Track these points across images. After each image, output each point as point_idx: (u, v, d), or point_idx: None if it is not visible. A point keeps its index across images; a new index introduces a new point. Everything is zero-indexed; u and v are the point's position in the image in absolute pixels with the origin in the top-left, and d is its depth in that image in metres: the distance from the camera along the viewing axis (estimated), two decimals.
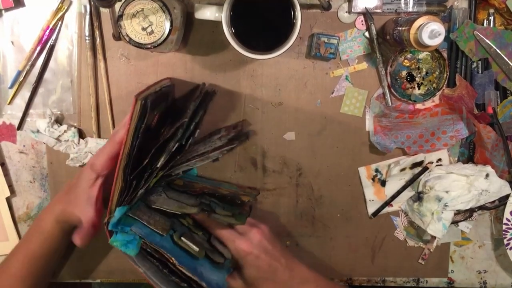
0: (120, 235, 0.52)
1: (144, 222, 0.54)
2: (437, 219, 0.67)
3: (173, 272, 0.53)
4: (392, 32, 0.62)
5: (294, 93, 0.69)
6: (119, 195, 0.52)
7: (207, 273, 0.55)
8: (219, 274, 0.57)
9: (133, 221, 0.53)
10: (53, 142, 0.68)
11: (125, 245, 0.51)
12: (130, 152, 0.52)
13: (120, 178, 0.52)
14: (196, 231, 0.60)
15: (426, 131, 0.68)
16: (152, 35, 0.56)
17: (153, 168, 0.54)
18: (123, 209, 0.52)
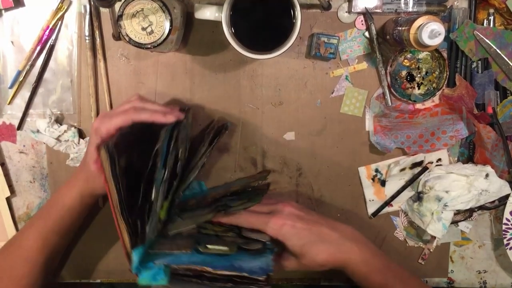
0: (145, 273, 0.51)
1: (167, 251, 0.53)
2: (437, 219, 0.67)
3: (214, 279, 0.53)
4: (392, 32, 0.62)
5: (294, 93, 0.69)
6: (129, 239, 0.51)
7: (247, 263, 0.54)
8: (262, 259, 0.55)
9: (155, 255, 0.53)
10: (53, 142, 0.68)
11: (154, 279, 0.51)
12: (120, 198, 0.51)
13: (122, 223, 0.51)
14: (226, 234, 0.59)
15: (426, 131, 0.68)
16: (152, 35, 0.56)
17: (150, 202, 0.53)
18: (139, 250, 0.51)
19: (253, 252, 0.57)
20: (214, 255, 0.55)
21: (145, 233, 0.52)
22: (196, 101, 0.69)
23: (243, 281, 0.53)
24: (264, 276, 0.53)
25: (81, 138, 0.69)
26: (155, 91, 0.69)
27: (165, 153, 0.55)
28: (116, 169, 0.51)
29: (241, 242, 0.58)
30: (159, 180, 0.53)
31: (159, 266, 0.51)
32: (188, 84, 0.68)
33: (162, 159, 0.54)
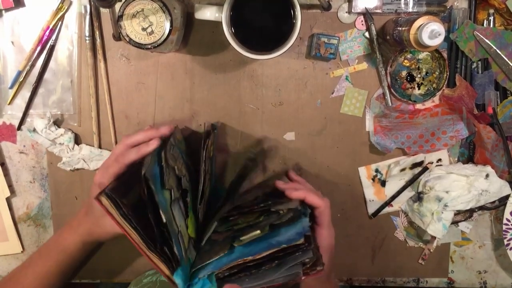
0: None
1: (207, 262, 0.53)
2: (437, 219, 0.67)
3: (258, 265, 0.52)
4: (392, 32, 0.62)
5: (294, 93, 0.69)
6: (166, 266, 0.51)
7: (284, 236, 0.54)
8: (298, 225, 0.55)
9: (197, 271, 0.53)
10: (48, 143, 0.68)
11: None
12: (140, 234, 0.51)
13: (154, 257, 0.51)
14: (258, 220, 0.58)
15: (426, 131, 0.68)
16: (152, 36, 0.56)
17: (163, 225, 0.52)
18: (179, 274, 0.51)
19: (286, 223, 0.56)
20: (250, 243, 0.54)
21: (175, 255, 0.51)
22: (196, 101, 0.69)
23: (286, 252, 0.53)
24: (301, 239, 0.53)
25: (76, 144, 0.69)
26: (155, 91, 0.69)
27: (158, 175, 0.54)
28: (124, 210, 0.51)
29: (274, 219, 0.57)
30: (164, 202, 0.53)
31: (203, 278, 0.52)
32: (188, 84, 0.68)
33: (158, 182, 0.53)
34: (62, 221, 0.72)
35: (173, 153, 0.59)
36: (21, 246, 0.73)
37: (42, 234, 0.73)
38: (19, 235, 0.73)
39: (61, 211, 0.72)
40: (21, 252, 0.74)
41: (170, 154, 0.58)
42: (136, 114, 0.69)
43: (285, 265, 0.52)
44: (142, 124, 0.70)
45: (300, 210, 0.57)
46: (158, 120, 0.69)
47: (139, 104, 0.69)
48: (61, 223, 0.72)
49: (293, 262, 0.53)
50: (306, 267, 0.54)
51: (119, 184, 0.54)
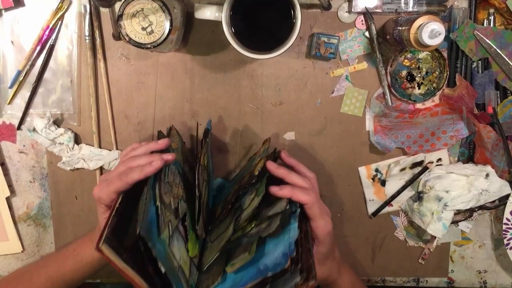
0: None
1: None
2: (437, 219, 0.67)
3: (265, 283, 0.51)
4: (392, 31, 0.62)
5: (294, 93, 0.69)
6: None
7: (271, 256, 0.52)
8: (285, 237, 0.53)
9: None
10: (47, 143, 0.68)
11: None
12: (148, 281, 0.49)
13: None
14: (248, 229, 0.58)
15: (426, 131, 0.68)
16: (152, 35, 0.56)
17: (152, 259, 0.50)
18: None
19: (274, 234, 0.54)
20: (241, 269, 0.53)
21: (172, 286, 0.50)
22: (196, 101, 0.69)
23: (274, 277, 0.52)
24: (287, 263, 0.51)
25: (76, 143, 0.69)
26: (155, 91, 0.69)
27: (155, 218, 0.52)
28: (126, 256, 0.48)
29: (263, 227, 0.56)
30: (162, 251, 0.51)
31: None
32: (188, 84, 0.68)
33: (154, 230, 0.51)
34: (62, 220, 0.72)
35: (168, 181, 0.57)
36: (21, 245, 0.73)
37: (42, 234, 0.73)
38: (19, 234, 0.73)
39: (61, 211, 0.72)
40: (21, 251, 0.74)
41: (165, 184, 0.56)
42: (136, 114, 0.69)
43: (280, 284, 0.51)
44: (142, 124, 0.70)
45: (288, 210, 0.56)
46: (158, 120, 0.69)
47: (139, 104, 0.69)
48: (61, 223, 0.72)
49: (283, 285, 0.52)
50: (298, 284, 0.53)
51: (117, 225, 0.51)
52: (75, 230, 0.73)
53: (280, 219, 0.55)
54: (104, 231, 0.48)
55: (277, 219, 0.55)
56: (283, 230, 0.54)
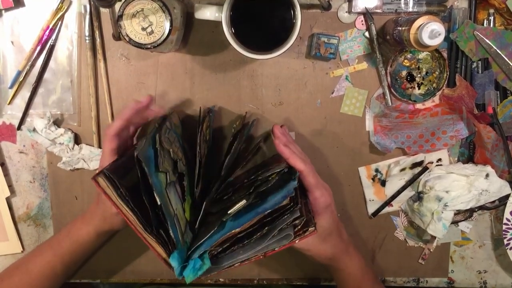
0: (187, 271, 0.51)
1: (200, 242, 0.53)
2: (437, 219, 0.67)
3: (249, 235, 0.52)
4: (392, 32, 0.62)
5: (294, 93, 0.69)
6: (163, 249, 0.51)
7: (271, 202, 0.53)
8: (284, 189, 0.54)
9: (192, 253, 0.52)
10: (47, 143, 0.68)
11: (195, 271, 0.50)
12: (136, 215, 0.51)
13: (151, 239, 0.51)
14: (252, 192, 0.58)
15: (426, 131, 0.68)
16: (152, 35, 0.56)
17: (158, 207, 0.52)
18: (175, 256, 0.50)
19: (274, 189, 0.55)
20: (239, 216, 0.54)
21: (171, 238, 0.51)
22: (196, 101, 0.69)
23: (274, 216, 0.53)
24: (286, 201, 0.53)
25: (76, 144, 0.69)
26: (155, 91, 0.69)
27: (153, 157, 0.54)
28: (121, 191, 0.51)
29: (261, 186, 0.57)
30: (158, 185, 0.52)
31: (194, 259, 0.51)
32: (188, 84, 0.68)
33: (152, 164, 0.53)
34: (62, 220, 0.72)
35: (168, 137, 0.59)
36: (21, 246, 0.73)
37: (42, 234, 0.73)
38: (19, 235, 0.73)
39: (61, 211, 0.72)
40: (21, 252, 0.74)
41: (165, 137, 0.57)
42: None
43: (274, 230, 0.52)
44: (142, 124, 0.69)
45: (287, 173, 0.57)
46: None
47: None
48: (61, 223, 0.72)
49: (282, 224, 0.53)
50: (297, 228, 0.54)
51: (117, 166, 0.54)
52: None
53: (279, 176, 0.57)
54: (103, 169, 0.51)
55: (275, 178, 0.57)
56: (282, 188, 0.55)
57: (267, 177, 0.58)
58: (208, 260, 0.51)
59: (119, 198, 0.51)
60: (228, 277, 0.75)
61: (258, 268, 0.74)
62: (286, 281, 0.75)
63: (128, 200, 0.51)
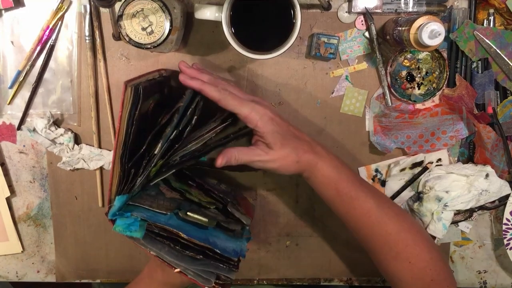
0: (121, 221, 0.51)
1: (146, 207, 0.53)
2: (437, 219, 0.67)
3: (186, 246, 0.53)
4: (392, 32, 0.62)
5: (294, 93, 0.69)
6: (118, 184, 0.51)
7: (222, 242, 0.55)
8: (237, 242, 0.56)
9: (135, 207, 0.53)
10: (47, 143, 0.68)
11: (128, 229, 0.50)
12: (126, 140, 0.51)
13: (118, 167, 0.51)
14: (209, 206, 0.59)
15: (426, 131, 0.68)
16: (152, 35, 0.56)
17: (150, 155, 0.53)
18: (123, 198, 0.51)
19: (230, 233, 0.57)
20: (192, 224, 0.55)
21: (134, 185, 0.51)
22: None
23: (215, 256, 0.54)
24: (236, 258, 0.54)
25: (76, 144, 0.69)
26: None
27: (181, 114, 0.54)
28: (135, 112, 0.50)
29: (222, 220, 0.58)
30: (167, 137, 0.52)
31: (135, 218, 0.51)
32: None
33: (177, 119, 0.53)
34: (62, 221, 0.72)
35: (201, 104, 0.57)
36: (21, 246, 0.74)
37: (42, 234, 0.73)
38: (19, 235, 0.73)
39: (61, 211, 0.72)
40: (21, 252, 0.74)
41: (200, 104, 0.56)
42: None
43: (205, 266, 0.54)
44: None
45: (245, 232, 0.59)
46: None
47: None
48: (61, 223, 0.72)
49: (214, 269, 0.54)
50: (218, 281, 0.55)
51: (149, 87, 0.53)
52: (75, 231, 0.73)
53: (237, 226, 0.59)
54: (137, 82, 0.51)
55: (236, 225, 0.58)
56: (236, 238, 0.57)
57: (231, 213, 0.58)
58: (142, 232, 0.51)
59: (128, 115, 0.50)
60: None
61: (258, 268, 0.74)
62: (286, 281, 0.75)
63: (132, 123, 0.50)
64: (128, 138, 0.51)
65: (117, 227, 0.51)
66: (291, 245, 0.73)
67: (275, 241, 0.73)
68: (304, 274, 0.74)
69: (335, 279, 0.74)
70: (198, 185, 0.62)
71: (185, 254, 0.53)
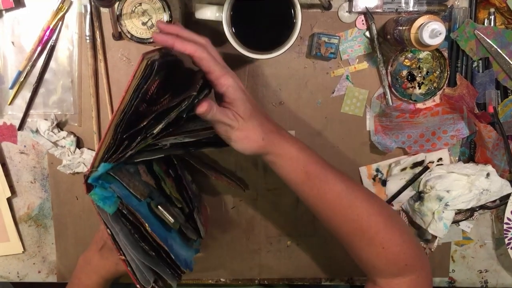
0: (99, 189, 0.49)
1: (124, 184, 0.52)
2: (438, 218, 0.67)
3: (144, 238, 0.52)
4: (392, 31, 0.62)
5: (294, 93, 0.69)
6: (105, 151, 0.50)
7: (177, 247, 0.55)
8: (188, 252, 0.56)
9: (113, 180, 0.52)
10: (49, 145, 0.68)
11: (103, 200, 0.49)
12: (127, 110, 0.49)
13: (110, 134, 0.49)
14: (176, 204, 0.59)
15: (427, 131, 0.68)
16: (153, 29, 0.57)
17: (147, 132, 0.51)
18: (108, 166, 0.50)
19: (185, 241, 0.57)
20: (158, 219, 0.55)
21: (123, 157, 0.50)
22: None
23: (167, 259, 0.54)
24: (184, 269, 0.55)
25: (78, 147, 0.69)
26: None
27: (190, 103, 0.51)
28: (143, 86, 0.48)
29: (183, 224, 0.58)
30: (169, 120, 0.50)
31: (113, 194, 0.50)
32: None
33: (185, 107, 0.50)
34: (63, 221, 0.72)
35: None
36: (22, 246, 0.74)
37: (43, 235, 0.73)
38: (20, 235, 0.73)
39: (62, 211, 0.72)
40: (22, 252, 0.74)
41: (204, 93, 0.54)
42: None
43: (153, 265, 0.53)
44: None
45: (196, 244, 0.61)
46: None
47: None
48: (62, 223, 0.72)
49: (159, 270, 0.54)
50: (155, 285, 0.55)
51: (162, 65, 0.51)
52: (76, 231, 0.73)
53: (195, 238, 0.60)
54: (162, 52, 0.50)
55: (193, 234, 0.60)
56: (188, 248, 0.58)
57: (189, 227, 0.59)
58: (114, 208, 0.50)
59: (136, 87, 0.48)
60: (228, 277, 0.75)
61: (258, 268, 0.74)
62: (286, 281, 0.75)
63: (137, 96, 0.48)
64: (129, 109, 0.49)
65: (94, 195, 0.49)
66: (292, 245, 0.73)
67: (276, 241, 0.73)
68: (305, 274, 0.74)
69: (336, 279, 0.74)
70: (175, 177, 0.61)
71: (140, 245, 0.52)
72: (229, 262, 0.74)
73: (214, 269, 0.74)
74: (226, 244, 0.73)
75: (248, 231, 0.73)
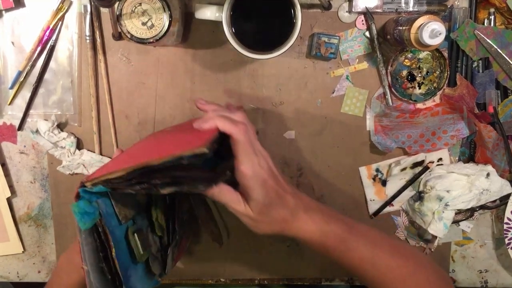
0: (83, 203, 0.48)
1: (113, 202, 0.51)
2: (438, 218, 0.67)
3: (106, 259, 0.51)
4: (392, 31, 0.62)
5: (294, 93, 0.69)
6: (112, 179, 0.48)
7: (136, 278, 0.53)
8: (145, 285, 0.55)
9: (104, 194, 0.51)
10: (49, 146, 0.68)
11: (81, 214, 0.48)
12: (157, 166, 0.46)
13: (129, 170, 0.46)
14: (157, 231, 0.58)
15: (427, 131, 0.68)
16: (153, 29, 0.56)
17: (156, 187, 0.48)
18: (103, 189, 0.48)
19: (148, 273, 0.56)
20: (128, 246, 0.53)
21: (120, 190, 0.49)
22: None
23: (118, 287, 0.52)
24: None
25: (78, 148, 0.69)
26: (155, 91, 0.69)
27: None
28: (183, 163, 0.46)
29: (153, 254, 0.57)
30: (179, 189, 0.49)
31: (95, 210, 0.49)
32: (189, 84, 0.68)
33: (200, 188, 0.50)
34: (63, 221, 0.72)
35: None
36: (22, 246, 0.74)
37: (43, 234, 0.73)
38: (20, 235, 0.73)
39: (62, 211, 0.72)
40: (22, 252, 0.74)
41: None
42: (136, 114, 0.69)
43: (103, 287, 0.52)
44: (142, 124, 0.70)
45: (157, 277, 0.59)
46: (159, 120, 0.69)
47: (139, 104, 0.69)
48: (62, 223, 0.72)
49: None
50: None
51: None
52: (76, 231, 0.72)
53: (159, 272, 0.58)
54: None
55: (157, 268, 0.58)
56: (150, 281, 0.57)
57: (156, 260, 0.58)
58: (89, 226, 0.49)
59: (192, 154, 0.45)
60: (228, 277, 0.75)
61: (258, 268, 0.74)
62: (286, 281, 0.75)
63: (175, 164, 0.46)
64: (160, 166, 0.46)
65: (75, 207, 0.48)
66: (292, 245, 0.73)
67: (276, 241, 0.73)
68: (305, 274, 0.74)
69: (336, 279, 0.74)
70: (169, 205, 0.60)
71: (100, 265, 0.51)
72: (229, 262, 0.74)
73: (214, 269, 0.74)
74: (226, 244, 0.73)
75: (248, 231, 0.73)
